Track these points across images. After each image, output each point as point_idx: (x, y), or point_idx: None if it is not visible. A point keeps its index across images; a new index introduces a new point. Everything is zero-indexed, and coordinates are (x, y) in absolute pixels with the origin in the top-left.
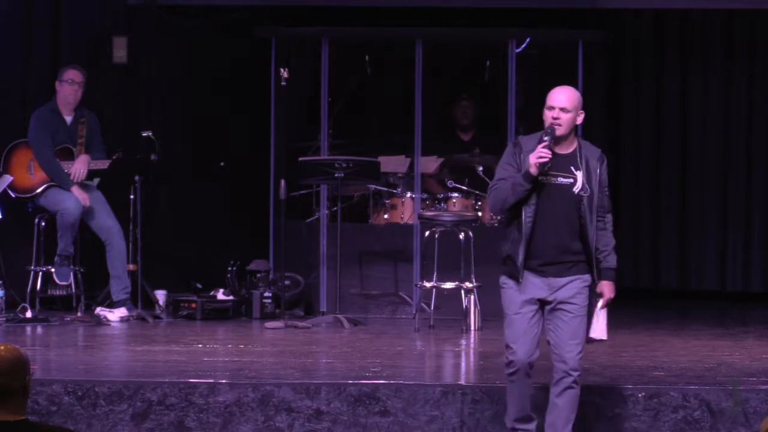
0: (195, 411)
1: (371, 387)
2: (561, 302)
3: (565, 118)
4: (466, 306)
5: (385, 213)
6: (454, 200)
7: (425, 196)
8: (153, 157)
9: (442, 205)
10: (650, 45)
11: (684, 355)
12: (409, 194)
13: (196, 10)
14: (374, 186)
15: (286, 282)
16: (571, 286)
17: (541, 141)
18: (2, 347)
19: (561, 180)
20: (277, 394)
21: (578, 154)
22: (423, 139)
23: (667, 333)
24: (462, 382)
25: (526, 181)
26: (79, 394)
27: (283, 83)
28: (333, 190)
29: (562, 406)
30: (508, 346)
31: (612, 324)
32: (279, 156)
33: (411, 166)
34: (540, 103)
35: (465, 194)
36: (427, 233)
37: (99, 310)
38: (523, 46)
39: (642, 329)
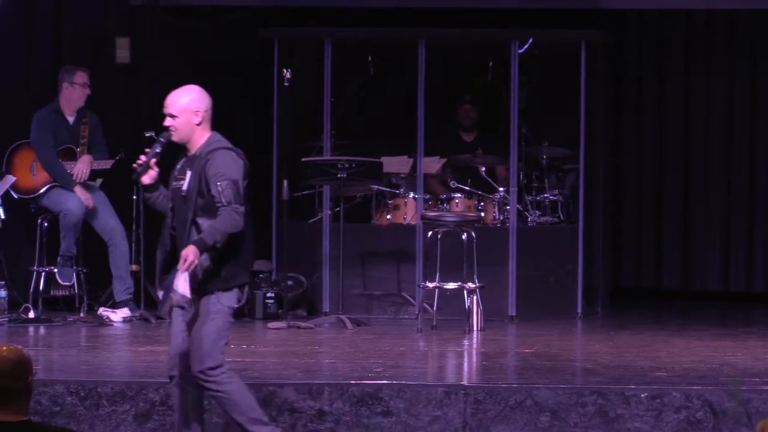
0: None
1: (374, 387)
2: (187, 311)
3: (174, 123)
4: (468, 306)
5: (387, 213)
6: (457, 201)
7: (428, 196)
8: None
9: (445, 205)
10: (653, 46)
11: (686, 355)
12: (411, 195)
13: (199, 11)
14: (377, 186)
15: (289, 282)
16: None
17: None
18: (4, 348)
19: (180, 183)
20: (280, 394)
21: (198, 155)
22: (425, 140)
23: (670, 333)
24: (465, 382)
25: (143, 190)
26: (82, 394)
27: (286, 84)
28: (336, 191)
29: (224, 412)
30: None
31: (614, 324)
32: (282, 156)
33: (414, 167)
34: (543, 103)
35: (467, 195)
36: (429, 234)
37: (102, 311)
38: (526, 46)
39: (644, 330)
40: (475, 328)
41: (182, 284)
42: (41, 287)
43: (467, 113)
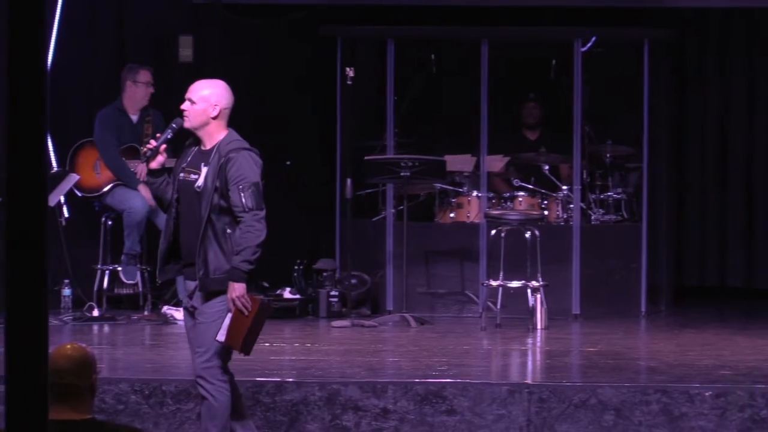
0: (262, 410)
1: (438, 386)
2: (192, 307)
3: (190, 109)
4: (532, 305)
5: (451, 212)
6: (520, 199)
7: (491, 194)
8: None
9: (508, 203)
10: (715, 43)
11: (750, 353)
12: (475, 193)
13: (261, 9)
14: (440, 185)
15: (353, 281)
16: (198, 292)
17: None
18: (69, 346)
19: (192, 176)
20: (344, 392)
21: (215, 150)
22: (489, 138)
23: (734, 332)
24: (529, 380)
25: (148, 174)
26: (146, 392)
27: (349, 82)
28: (399, 189)
29: (203, 417)
30: None
31: (678, 323)
32: (345, 155)
33: (477, 165)
34: (606, 101)
35: (531, 193)
36: (493, 232)
37: (166, 309)
38: (589, 45)
39: (708, 328)
40: (538, 327)
41: (225, 323)
42: (105, 285)
43: (531, 111)
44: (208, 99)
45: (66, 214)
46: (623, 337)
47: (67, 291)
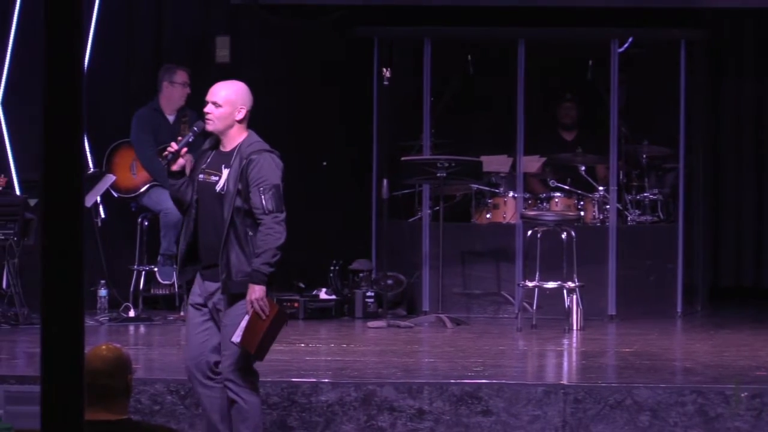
0: (297, 410)
1: (473, 386)
2: (216, 310)
3: (215, 113)
4: (568, 306)
5: (487, 212)
6: (557, 200)
7: (527, 195)
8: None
9: (545, 204)
10: (752, 43)
11: None
12: (511, 194)
13: (298, 10)
14: (476, 185)
15: (389, 281)
16: (221, 294)
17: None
18: (104, 347)
19: (212, 178)
20: (380, 393)
21: (236, 152)
22: (525, 139)
23: None
24: (564, 381)
25: (168, 176)
26: (182, 393)
27: (386, 83)
28: (435, 190)
29: (233, 419)
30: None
31: (714, 323)
32: (381, 155)
33: (513, 166)
34: (642, 102)
35: (567, 194)
36: (529, 233)
37: None
38: (626, 45)
39: (744, 329)
40: (574, 328)
41: (241, 325)
42: (141, 286)
43: (567, 111)
44: (234, 102)
45: (102, 215)
46: (659, 338)
47: (103, 292)
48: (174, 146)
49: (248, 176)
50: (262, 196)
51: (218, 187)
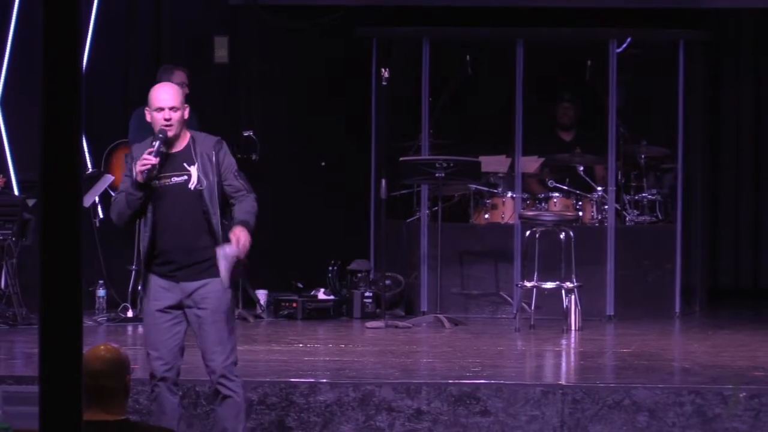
0: (296, 410)
1: (472, 387)
2: (198, 308)
3: (175, 117)
4: (566, 306)
5: (485, 213)
6: (555, 200)
7: (526, 195)
8: (254, 157)
9: (543, 204)
10: (750, 44)
11: None
12: (509, 194)
13: (297, 10)
14: (475, 186)
15: (387, 282)
16: (205, 290)
17: (152, 146)
18: (102, 347)
19: (175, 180)
20: (378, 393)
21: (191, 149)
22: (523, 139)
23: None
24: (562, 382)
25: (136, 189)
26: (180, 393)
27: (384, 83)
28: (434, 190)
29: (222, 416)
30: (149, 355)
31: (712, 324)
32: (380, 156)
33: (512, 166)
34: (641, 102)
35: (565, 194)
36: (527, 233)
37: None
38: (624, 46)
39: (742, 329)
40: (572, 328)
41: (225, 269)
42: (139, 286)
43: (566, 111)
44: (183, 103)
45: (101, 215)
46: (657, 338)
47: (101, 292)
48: (152, 159)
49: (222, 165)
50: (239, 180)
51: (192, 185)
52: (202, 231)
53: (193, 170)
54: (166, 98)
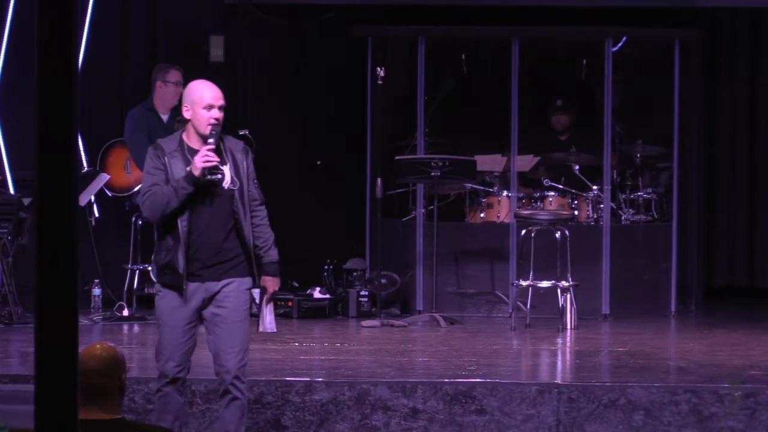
0: (291, 409)
1: (467, 386)
2: (217, 306)
3: (222, 115)
4: (562, 305)
5: (481, 212)
6: (551, 199)
7: (521, 194)
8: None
9: (539, 203)
10: (746, 43)
11: None
12: (505, 193)
13: (293, 9)
14: (470, 185)
15: (383, 280)
16: (228, 290)
17: (206, 143)
18: (98, 346)
19: (210, 177)
20: (374, 392)
21: (223, 148)
22: (519, 138)
23: (764, 332)
24: (558, 380)
25: (189, 183)
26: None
27: (380, 82)
28: (429, 189)
29: (229, 419)
30: (160, 355)
31: (708, 323)
32: (375, 154)
33: (507, 165)
34: (636, 101)
35: (561, 193)
36: (523, 232)
37: None
38: (620, 44)
39: (738, 328)
40: (568, 327)
41: (268, 315)
42: (135, 285)
43: (559, 119)
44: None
45: (96, 214)
46: (653, 337)
47: (97, 291)
48: (215, 157)
49: (248, 170)
50: (257, 189)
51: (226, 184)
52: (231, 231)
53: (226, 170)
54: (216, 96)
